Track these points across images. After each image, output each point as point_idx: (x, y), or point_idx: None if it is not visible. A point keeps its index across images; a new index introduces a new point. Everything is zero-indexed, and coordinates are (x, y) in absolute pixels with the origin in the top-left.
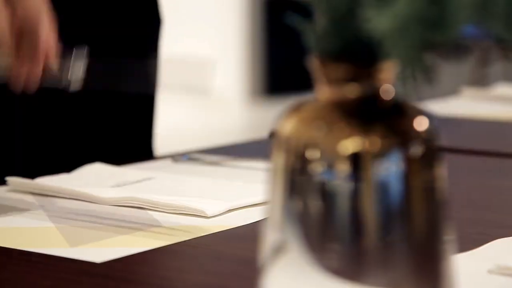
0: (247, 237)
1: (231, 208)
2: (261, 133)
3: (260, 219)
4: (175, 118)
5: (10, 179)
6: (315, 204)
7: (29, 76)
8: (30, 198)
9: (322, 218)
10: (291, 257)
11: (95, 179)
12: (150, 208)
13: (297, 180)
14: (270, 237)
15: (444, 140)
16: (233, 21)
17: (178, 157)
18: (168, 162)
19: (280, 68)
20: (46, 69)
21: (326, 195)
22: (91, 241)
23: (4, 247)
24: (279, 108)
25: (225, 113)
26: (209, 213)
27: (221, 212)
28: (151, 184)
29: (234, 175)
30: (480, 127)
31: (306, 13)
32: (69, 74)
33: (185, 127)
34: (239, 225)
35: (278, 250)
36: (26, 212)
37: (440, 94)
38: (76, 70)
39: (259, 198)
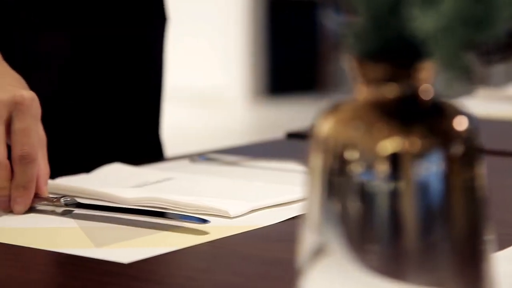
0: (271, 237)
1: (254, 209)
2: (264, 132)
3: (284, 219)
4: (177, 118)
5: None
6: (354, 205)
7: (18, 203)
8: None
9: (362, 219)
10: (331, 259)
11: (115, 179)
12: (173, 208)
13: (335, 181)
14: (308, 239)
15: None
16: (236, 21)
17: (195, 157)
18: (185, 162)
19: (283, 68)
20: (37, 195)
21: (366, 196)
22: (116, 241)
23: (29, 247)
24: (281, 108)
25: (227, 113)
26: (232, 213)
27: (244, 213)
28: (171, 184)
29: (253, 175)
30: (495, 127)
31: (342, 12)
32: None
33: (187, 127)
34: (263, 225)
35: (318, 252)
36: (49, 212)
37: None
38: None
39: (282, 198)
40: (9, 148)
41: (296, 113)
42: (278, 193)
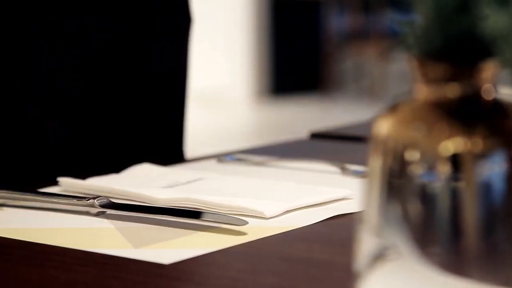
0: (309, 238)
1: (289, 209)
2: (268, 132)
3: (320, 219)
4: None
5: (62, 180)
6: (415, 207)
7: None
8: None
9: (424, 221)
10: (393, 262)
11: (146, 180)
12: (207, 209)
13: (395, 183)
14: (367, 243)
15: None
16: (239, 21)
17: (223, 157)
18: (213, 162)
19: (286, 68)
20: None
21: (427, 197)
22: (154, 242)
23: (68, 247)
24: (285, 108)
25: (231, 113)
26: (267, 214)
27: (279, 213)
28: (202, 185)
29: (282, 176)
30: None
31: (406, 10)
32: None
33: (190, 127)
34: (300, 226)
35: (378, 255)
36: (83, 213)
37: None
38: None
39: (317, 198)
40: None
41: (300, 113)
42: (312, 193)
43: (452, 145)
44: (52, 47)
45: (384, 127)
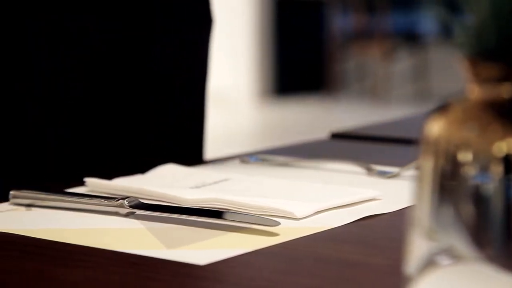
0: (342, 239)
1: (319, 210)
2: (271, 133)
3: (352, 220)
4: None
5: (88, 180)
6: (469, 209)
7: None
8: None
9: (477, 223)
10: (448, 265)
11: (172, 180)
12: (236, 209)
13: (448, 185)
14: (419, 246)
15: None
16: (243, 21)
17: (246, 158)
18: (236, 163)
19: (290, 69)
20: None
21: (480, 199)
22: (186, 243)
23: (99, 248)
24: (288, 108)
25: (234, 113)
26: (298, 214)
27: (309, 214)
28: (229, 185)
29: (307, 176)
30: None
31: (455, 8)
32: None
33: None
34: (331, 227)
35: (431, 259)
36: (112, 213)
37: None
38: None
39: (347, 199)
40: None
41: (303, 114)
42: (341, 194)
43: (505, 145)
44: (52, 47)
45: (435, 128)
